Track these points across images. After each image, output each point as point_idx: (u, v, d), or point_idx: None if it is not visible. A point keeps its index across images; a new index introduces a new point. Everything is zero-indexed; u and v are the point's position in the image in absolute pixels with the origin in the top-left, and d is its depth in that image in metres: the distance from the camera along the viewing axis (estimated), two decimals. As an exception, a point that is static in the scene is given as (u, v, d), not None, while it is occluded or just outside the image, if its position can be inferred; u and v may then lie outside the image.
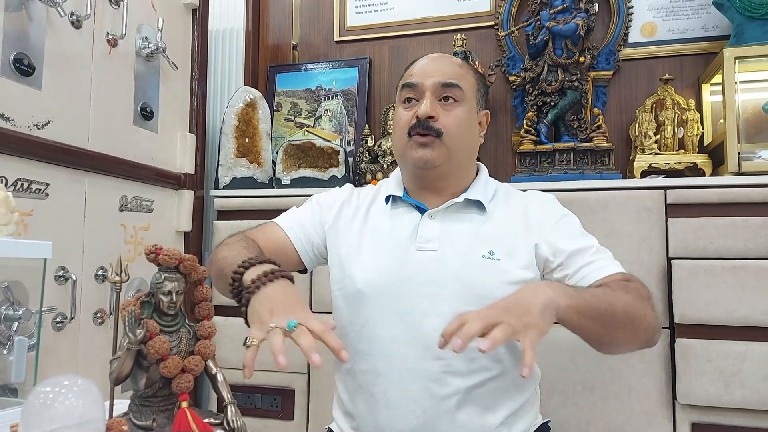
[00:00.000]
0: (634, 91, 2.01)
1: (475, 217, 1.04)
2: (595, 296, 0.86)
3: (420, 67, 1.06)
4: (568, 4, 1.85)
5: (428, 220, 1.03)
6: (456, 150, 1.01)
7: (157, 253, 0.78)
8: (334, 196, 1.17)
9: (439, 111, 1.00)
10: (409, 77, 1.05)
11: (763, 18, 1.71)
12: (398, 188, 1.10)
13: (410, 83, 1.04)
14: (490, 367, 0.95)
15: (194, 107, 2.01)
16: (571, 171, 1.79)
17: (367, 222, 1.09)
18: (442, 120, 1.00)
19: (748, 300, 1.48)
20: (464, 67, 1.08)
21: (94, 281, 1.55)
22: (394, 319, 0.97)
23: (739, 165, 1.63)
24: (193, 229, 1.98)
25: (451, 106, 1.02)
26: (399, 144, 1.06)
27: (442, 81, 1.01)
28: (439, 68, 1.04)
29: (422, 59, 1.09)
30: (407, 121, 1.02)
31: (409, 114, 1.02)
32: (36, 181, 1.36)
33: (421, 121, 0.99)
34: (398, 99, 1.09)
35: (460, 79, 1.03)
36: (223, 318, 1.91)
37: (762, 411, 1.46)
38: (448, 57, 1.10)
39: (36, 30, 1.38)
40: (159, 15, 1.80)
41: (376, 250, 1.03)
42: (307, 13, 2.40)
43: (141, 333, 0.73)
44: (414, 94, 1.04)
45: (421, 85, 1.02)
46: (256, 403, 1.91)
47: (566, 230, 1.03)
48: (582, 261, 0.98)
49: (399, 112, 1.07)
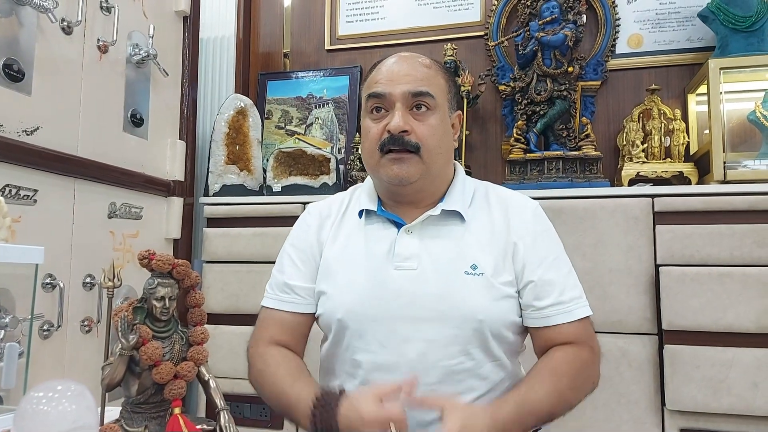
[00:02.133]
0: (622, 101, 2.04)
1: (455, 228, 0.97)
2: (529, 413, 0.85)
3: (386, 73, 0.96)
4: (556, 15, 1.88)
5: (405, 235, 0.96)
6: (433, 162, 0.94)
7: (150, 258, 0.78)
8: (303, 229, 1.07)
9: (412, 122, 0.92)
10: (375, 85, 0.96)
11: (746, 30, 1.75)
12: (371, 201, 1.01)
13: (377, 93, 0.95)
14: (476, 386, 0.92)
15: (184, 114, 2.00)
16: (561, 179, 1.81)
17: (338, 240, 1.02)
18: (416, 132, 0.92)
19: (734, 307, 1.50)
20: (432, 67, 0.99)
21: (82, 289, 1.53)
22: (374, 346, 0.92)
23: (725, 174, 1.66)
24: (183, 237, 1.97)
25: (424, 115, 0.93)
26: (370, 159, 0.97)
27: (412, 90, 0.92)
28: (408, 72, 0.94)
29: (387, 61, 0.99)
30: (377, 135, 0.94)
31: (379, 127, 0.94)
32: (24, 188, 1.35)
33: (394, 136, 0.91)
34: (365, 108, 0.99)
35: (430, 84, 0.95)
36: (213, 326, 1.90)
37: (749, 417, 1.48)
38: (415, 57, 0.99)
39: (26, 36, 1.37)
40: (150, 22, 1.80)
41: (353, 272, 0.96)
42: (298, 22, 2.41)
43: (134, 339, 0.72)
44: (382, 103, 0.95)
45: (389, 95, 0.93)
46: (245, 412, 1.89)
47: (540, 253, 0.96)
48: (549, 300, 0.93)
49: (367, 124, 0.97)
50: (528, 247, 0.95)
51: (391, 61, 0.98)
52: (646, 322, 1.58)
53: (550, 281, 0.94)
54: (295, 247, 1.04)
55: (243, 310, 1.89)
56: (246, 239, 1.91)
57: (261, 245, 1.89)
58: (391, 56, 1.00)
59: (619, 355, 1.58)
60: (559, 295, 0.93)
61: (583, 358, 0.91)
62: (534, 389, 0.86)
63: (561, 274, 0.96)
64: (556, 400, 0.86)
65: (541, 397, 0.85)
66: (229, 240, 1.93)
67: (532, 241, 0.96)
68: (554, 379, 0.88)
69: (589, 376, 0.92)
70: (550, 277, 0.94)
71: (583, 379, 0.90)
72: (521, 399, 0.85)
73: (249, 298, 1.88)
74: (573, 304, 0.94)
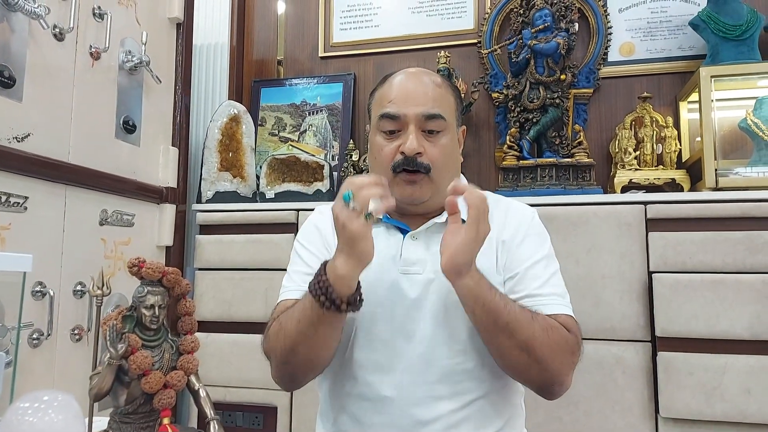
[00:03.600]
0: (614, 109, 2.05)
1: None
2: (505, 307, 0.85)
3: (399, 93, 0.98)
4: (549, 24, 1.89)
5: (411, 241, 0.99)
6: (442, 181, 0.96)
7: (140, 266, 0.77)
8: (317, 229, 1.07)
9: (425, 143, 0.96)
10: (389, 104, 0.98)
11: (737, 39, 1.77)
12: None
13: (391, 114, 0.97)
14: (473, 388, 0.93)
15: (177, 121, 2.00)
16: (553, 186, 1.81)
17: None
18: (428, 153, 0.96)
19: (727, 314, 1.50)
20: (443, 86, 1.01)
21: (72, 297, 1.52)
22: (376, 344, 0.94)
23: (717, 181, 1.67)
24: (175, 244, 1.96)
25: (435, 136, 0.97)
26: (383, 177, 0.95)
27: (426, 113, 0.96)
28: (422, 92, 0.97)
29: (399, 79, 1.01)
30: (391, 155, 0.97)
31: (392, 147, 0.97)
32: (14, 194, 1.34)
33: (408, 158, 0.94)
34: (375, 126, 1.01)
35: (442, 104, 0.98)
36: (205, 334, 1.89)
37: (742, 424, 1.48)
38: (427, 76, 1.01)
39: (18, 42, 1.36)
40: (143, 29, 1.80)
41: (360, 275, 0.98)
42: (292, 29, 2.41)
43: (122, 348, 0.71)
44: (396, 126, 0.97)
45: (403, 117, 0.96)
46: (238, 421, 1.88)
47: (527, 252, 0.98)
48: (525, 290, 0.94)
49: (379, 142, 0.99)
50: (515, 246, 0.98)
51: (404, 78, 1.00)
52: (639, 329, 1.58)
53: (531, 276, 0.95)
54: (313, 243, 1.05)
55: (236, 318, 1.87)
56: (239, 246, 1.90)
57: (254, 252, 1.88)
58: (401, 72, 1.02)
59: (613, 362, 1.58)
60: (536, 288, 0.94)
61: (566, 333, 0.90)
62: (509, 297, 0.89)
63: (546, 271, 0.97)
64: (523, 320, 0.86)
65: (516, 309, 0.86)
66: (222, 247, 1.92)
67: (522, 241, 0.99)
68: (530, 311, 0.88)
69: (563, 346, 0.89)
70: (532, 272, 0.95)
71: (556, 340, 0.88)
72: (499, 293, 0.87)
73: (242, 305, 1.87)
74: (549, 299, 0.94)
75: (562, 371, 0.89)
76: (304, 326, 0.86)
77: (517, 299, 0.92)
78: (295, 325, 0.87)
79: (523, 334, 0.85)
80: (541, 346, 0.86)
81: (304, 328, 0.86)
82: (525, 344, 0.85)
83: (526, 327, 0.85)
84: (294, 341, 0.88)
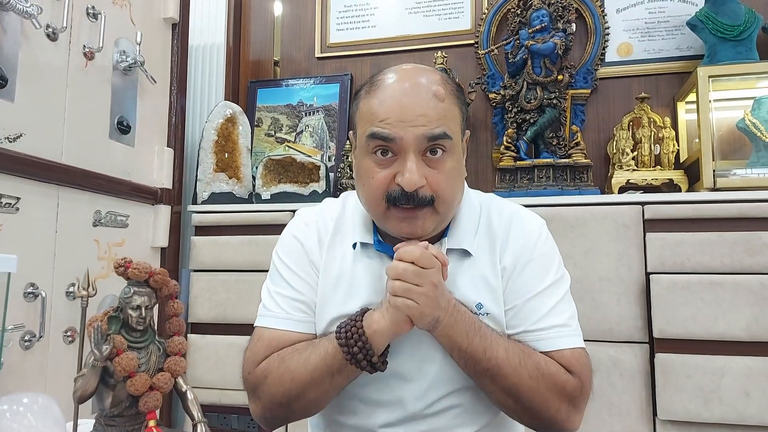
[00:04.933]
0: (612, 109, 2.04)
1: (459, 265, 0.88)
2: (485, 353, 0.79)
3: (393, 110, 0.78)
4: (546, 24, 1.88)
5: None
6: (448, 211, 0.84)
7: (126, 267, 0.76)
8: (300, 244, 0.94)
9: (426, 172, 0.79)
10: (380, 123, 0.78)
11: (734, 39, 1.76)
12: (368, 232, 0.90)
13: (384, 136, 0.78)
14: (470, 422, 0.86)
15: (173, 121, 1.99)
16: (551, 187, 1.80)
17: (331, 269, 0.90)
18: (430, 183, 0.79)
19: (725, 315, 1.49)
20: (446, 97, 0.82)
21: (65, 298, 1.51)
22: (367, 378, 0.84)
23: (714, 181, 1.66)
24: (170, 245, 1.95)
25: (440, 161, 0.80)
26: (374, 208, 0.83)
27: (428, 134, 0.78)
28: (422, 108, 0.78)
29: (391, 89, 0.81)
30: (383, 184, 0.80)
31: (386, 174, 0.80)
32: (6, 195, 1.33)
33: (407, 192, 0.78)
34: (362, 147, 0.83)
35: (446, 119, 0.80)
36: (199, 336, 1.88)
37: (740, 426, 1.46)
38: (426, 81, 0.81)
39: (10, 41, 1.35)
40: (138, 29, 1.79)
41: (346, 302, 0.87)
42: (289, 30, 2.40)
43: (107, 349, 0.70)
44: (389, 147, 0.79)
45: (400, 141, 0.78)
46: (232, 424, 1.87)
47: (528, 279, 0.87)
48: (522, 326, 0.85)
49: (367, 165, 0.81)
50: (517, 275, 0.87)
51: (397, 88, 0.80)
52: (636, 331, 1.57)
53: (529, 309, 0.85)
54: (296, 261, 0.92)
55: (231, 320, 1.86)
56: (234, 247, 1.89)
57: (249, 253, 1.87)
58: (393, 75, 0.82)
59: (610, 364, 1.57)
60: (534, 323, 0.85)
61: (565, 378, 0.81)
62: (499, 339, 0.81)
63: (549, 302, 0.86)
64: (507, 367, 0.78)
65: (499, 355, 0.79)
66: (218, 248, 1.90)
67: (523, 268, 0.88)
68: (523, 351, 0.81)
69: (559, 392, 0.80)
70: (531, 305, 0.85)
71: (550, 386, 0.80)
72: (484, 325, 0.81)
73: (237, 307, 1.86)
74: (550, 333, 0.84)
75: (558, 417, 0.81)
76: (320, 375, 0.80)
77: (514, 335, 0.85)
78: (308, 372, 0.80)
79: (507, 380, 0.79)
80: (529, 392, 0.79)
81: (320, 377, 0.80)
82: (510, 390, 0.80)
83: (511, 374, 0.78)
84: (303, 388, 0.81)
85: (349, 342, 0.78)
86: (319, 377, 0.80)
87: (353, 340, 0.78)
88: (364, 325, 0.78)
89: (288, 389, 0.82)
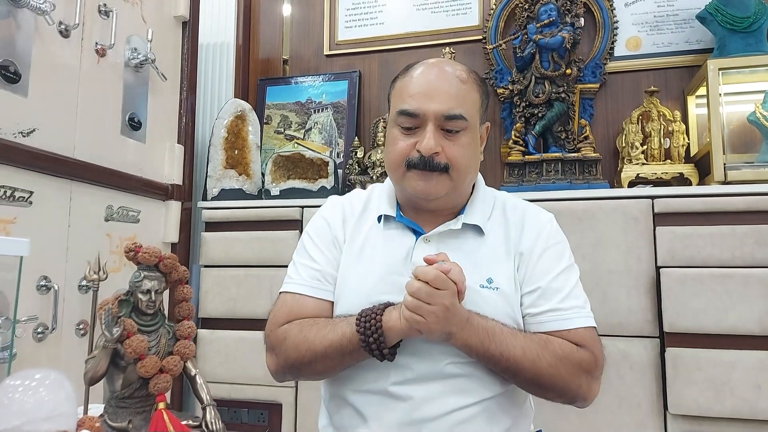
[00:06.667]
0: (621, 103, 2.03)
1: (473, 241, 0.97)
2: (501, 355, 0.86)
3: (420, 88, 0.93)
4: (554, 18, 1.88)
5: (423, 244, 0.96)
6: (461, 180, 0.95)
7: (136, 251, 0.77)
8: (327, 222, 1.05)
9: (443, 142, 0.92)
10: (409, 100, 0.93)
11: (744, 31, 1.74)
12: (391, 207, 1.02)
13: (409, 112, 0.92)
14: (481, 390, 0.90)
15: (183, 118, 2.01)
16: (559, 181, 1.79)
17: (356, 241, 1.01)
18: (446, 152, 0.92)
19: (736, 308, 1.48)
20: (468, 81, 0.95)
21: (78, 292, 1.53)
22: None
23: (725, 175, 1.64)
24: (181, 241, 1.97)
25: (455, 135, 0.93)
26: (395, 172, 0.97)
27: (446, 112, 0.91)
28: (444, 90, 0.92)
29: (420, 72, 0.96)
30: (405, 151, 0.94)
31: (408, 143, 0.93)
32: (20, 189, 1.35)
33: (423, 157, 0.91)
34: (393, 120, 0.97)
35: (464, 103, 0.93)
36: (210, 331, 1.89)
37: (752, 420, 1.45)
38: (451, 70, 0.95)
39: (23, 38, 1.37)
40: (149, 26, 1.81)
41: (366, 274, 0.96)
42: (298, 28, 2.42)
43: (118, 331, 0.71)
44: (413, 123, 0.93)
45: (422, 115, 0.92)
46: (243, 418, 1.88)
47: (546, 265, 0.96)
48: (548, 305, 0.93)
49: (394, 134, 0.96)
50: (534, 259, 0.96)
51: (426, 72, 0.95)
52: (647, 325, 1.56)
53: (553, 289, 0.94)
54: (321, 237, 1.04)
55: (241, 315, 1.87)
56: (244, 243, 1.90)
57: (259, 249, 1.88)
58: (424, 63, 0.97)
59: (620, 358, 1.56)
60: (558, 302, 0.93)
61: (580, 355, 0.89)
62: (515, 339, 0.88)
63: (567, 283, 0.95)
64: (525, 362, 0.86)
65: (516, 353, 0.86)
66: (227, 244, 1.92)
67: (541, 254, 0.97)
68: (539, 344, 0.88)
69: (577, 370, 0.88)
70: (554, 286, 0.94)
71: (568, 368, 0.87)
72: (499, 329, 0.88)
73: (247, 302, 1.87)
74: (572, 313, 0.93)
75: (580, 392, 0.89)
76: (334, 352, 0.88)
77: (539, 313, 0.93)
78: (324, 346, 0.89)
79: (528, 373, 0.87)
80: (551, 379, 0.87)
81: (333, 354, 0.89)
82: (532, 381, 0.88)
83: (530, 368, 0.86)
84: (316, 359, 0.90)
85: (367, 331, 0.85)
86: (332, 354, 0.88)
87: (371, 330, 0.85)
88: (383, 320, 0.85)
89: (302, 356, 0.91)
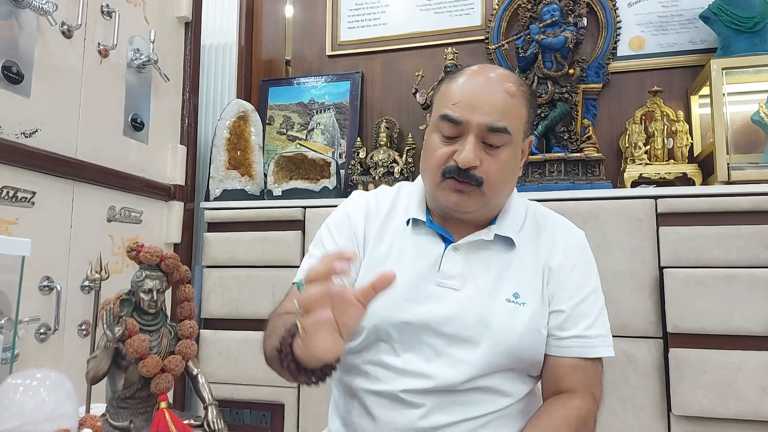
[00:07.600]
0: (624, 103, 2.02)
1: (503, 253, 0.95)
2: None
3: (466, 96, 0.89)
4: (557, 18, 1.87)
5: (453, 253, 0.94)
6: (494, 196, 0.91)
7: (138, 251, 0.77)
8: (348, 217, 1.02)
9: (482, 155, 0.88)
10: (452, 106, 0.89)
11: (748, 31, 1.74)
12: (421, 210, 0.98)
13: (452, 118, 0.88)
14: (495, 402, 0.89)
15: (185, 119, 2.01)
16: (562, 181, 1.79)
17: (383, 242, 0.98)
18: (484, 166, 0.88)
19: (741, 309, 1.47)
20: (517, 95, 0.90)
21: (80, 292, 1.53)
22: (404, 352, 0.89)
23: (729, 175, 1.64)
24: (183, 241, 1.97)
25: (497, 150, 0.89)
26: (431, 179, 0.93)
27: (489, 124, 0.87)
28: (491, 101, 0.88)
29: (469, 79, 0.91)
30: (443, 158, 0.90)
31: (447, 151, 0.90)
32: (22, 189, 1.35)
33: (460, 168, 0.87)
34: (434, 123, 0.93)
35: (509, 117, 0.89)
36: (212, 332, 1.89)
37: (757, 422, 1.44)
38: (500, 80, 0.90)
39: (26, 38, 1.37)
40: (151, 27, 1.81)
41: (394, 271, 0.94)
42: (300, 29, 2.42)
43: (119, 331, 0.71)
44: (454, 131, 0.89)
45: (465, 124, 0.88)
46: (245, 419, 1.87)
47: (576, 284, 0.94)
48: (574, 330, 0.91)
49: (434, 142, 0.92)
50: (565, 276, 0.94)
51: (474, 79, 0.91)
52: (651, 326, 1.55)
53: (580, 313, 0.92)
54: (340, 230, 1.00)
55: (243, 315, 1.87)
56: (246, 244, 1.90)
57: (261, 250, 1.88)
58: (473, 70, 0.93)
59: (624, 359, 1.55)
60: (585, 329, 0.91)
61: (584, 413, 0.88)
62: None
63: (594, 308, 0.93)
64: None
65: None
66: (230, 245, 1.92)
67: (570, 270, 0.94)
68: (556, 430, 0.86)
69: (589, 425, 0.89)
70: (581, 309, 0.92)
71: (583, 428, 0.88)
72: None
73: (249, 303, 1.87)
74: (597, 341, 0.92)
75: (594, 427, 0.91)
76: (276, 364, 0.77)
77: (565, 338, 0.91)
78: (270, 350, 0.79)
79: None
80: None
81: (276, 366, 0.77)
82: None
83: None
84: (272, 365, 0.80)
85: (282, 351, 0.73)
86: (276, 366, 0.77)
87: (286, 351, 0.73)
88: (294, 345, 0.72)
89: (267, 357, 0.83)
